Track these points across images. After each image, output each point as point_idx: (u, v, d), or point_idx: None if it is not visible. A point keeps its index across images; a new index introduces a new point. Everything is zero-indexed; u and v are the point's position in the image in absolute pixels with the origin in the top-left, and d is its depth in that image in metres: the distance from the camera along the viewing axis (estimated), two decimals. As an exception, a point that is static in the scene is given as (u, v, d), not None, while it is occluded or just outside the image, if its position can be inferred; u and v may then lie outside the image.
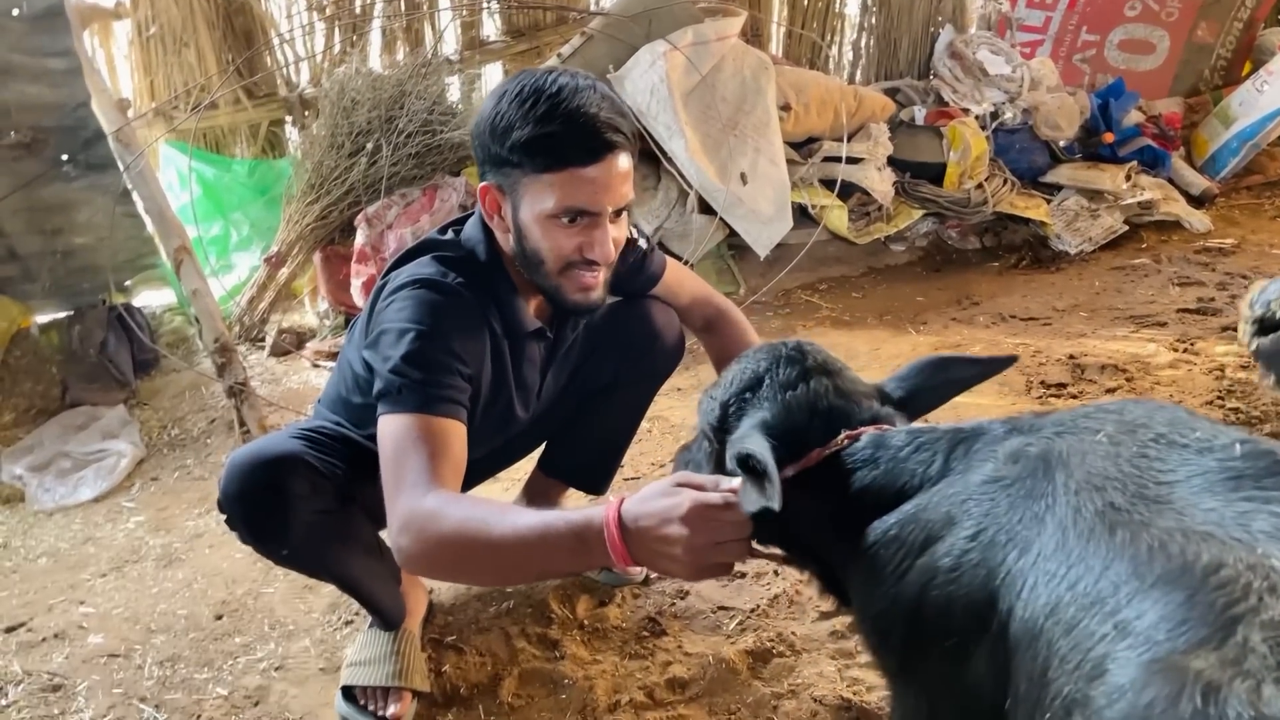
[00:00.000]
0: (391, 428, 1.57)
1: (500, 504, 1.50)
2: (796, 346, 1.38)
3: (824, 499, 1.24)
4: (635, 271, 2.04)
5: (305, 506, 1.75)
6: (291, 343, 3.78)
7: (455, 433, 1.59)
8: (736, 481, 1.24)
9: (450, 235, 1.83)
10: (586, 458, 2.31)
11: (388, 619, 2.07)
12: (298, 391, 3.53)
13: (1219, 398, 3.06)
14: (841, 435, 1.26)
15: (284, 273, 3.82)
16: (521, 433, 2.09)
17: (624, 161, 1.62)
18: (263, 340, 3.87)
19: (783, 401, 1.31)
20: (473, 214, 1.83)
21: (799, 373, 1.33)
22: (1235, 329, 3.62)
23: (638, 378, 2.18)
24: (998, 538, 1.01)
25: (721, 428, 1.37)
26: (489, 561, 1.40)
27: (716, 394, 1.40)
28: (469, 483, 2.26)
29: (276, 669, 2.16)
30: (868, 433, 1.26)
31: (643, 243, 2.05)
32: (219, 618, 2.34)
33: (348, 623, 2.28)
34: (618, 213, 1.66)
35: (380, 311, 1.69)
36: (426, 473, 1.51)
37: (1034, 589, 0.94)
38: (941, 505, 1.10)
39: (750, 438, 1.25)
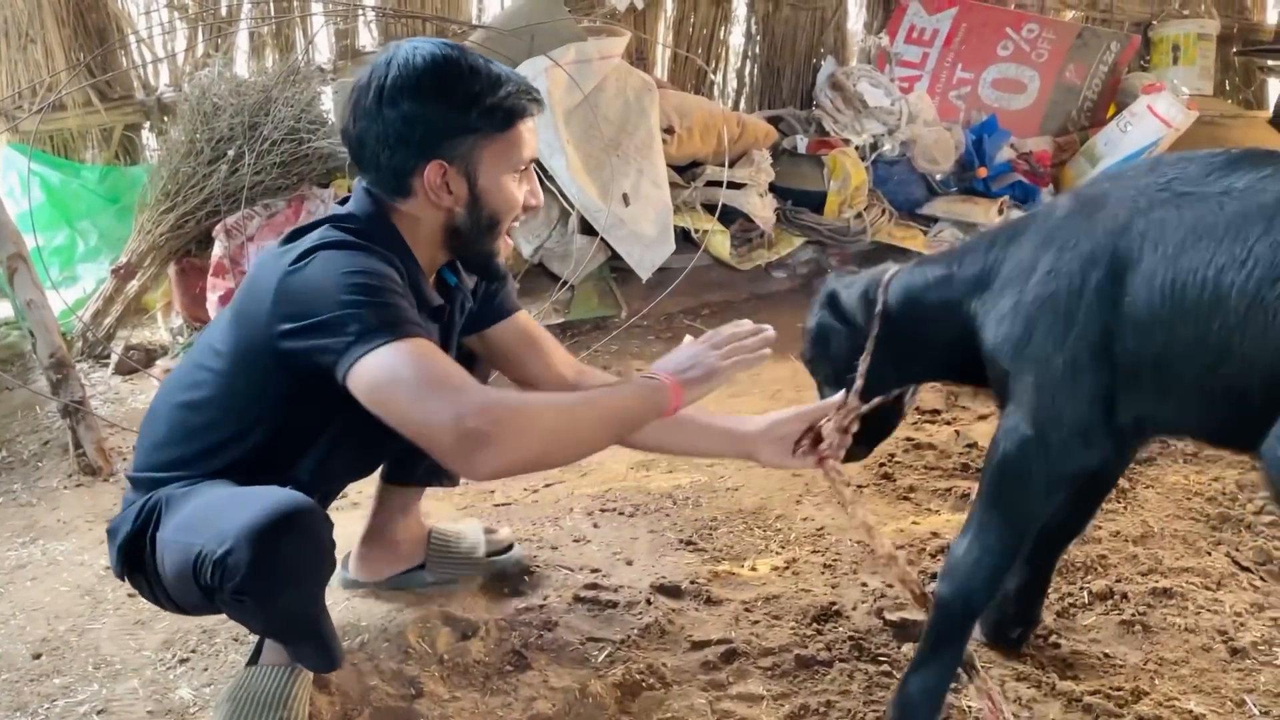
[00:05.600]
0: (392, 359, 1.45)
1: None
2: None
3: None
4: (489, 298, 1.98)
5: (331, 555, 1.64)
6: (139, 360, 3.54)
7: (441, 351, 1.54)
8: None
9: (336, 210, 1.74)
10: None
11: (330, 658, 1.80)
12: (143, 412, 3.29)
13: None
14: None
15: (134, 285, 3.59)
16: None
17: None
18: (108, 357, 3.62)
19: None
20: (348, 201, 1.75)
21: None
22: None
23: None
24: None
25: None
26: (583, 418, 1.56)
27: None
28: (337, 482, 2.08)
29: (99, 712, 1.95)
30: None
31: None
32: (37, 656, 2.12)
33: (182, 660, 2.08)
34: None
35: (287, 281, 1.54)
36: (461, 383, 1.46)
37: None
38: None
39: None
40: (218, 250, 3.55)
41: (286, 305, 1.54)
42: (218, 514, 1.57)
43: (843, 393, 1.89)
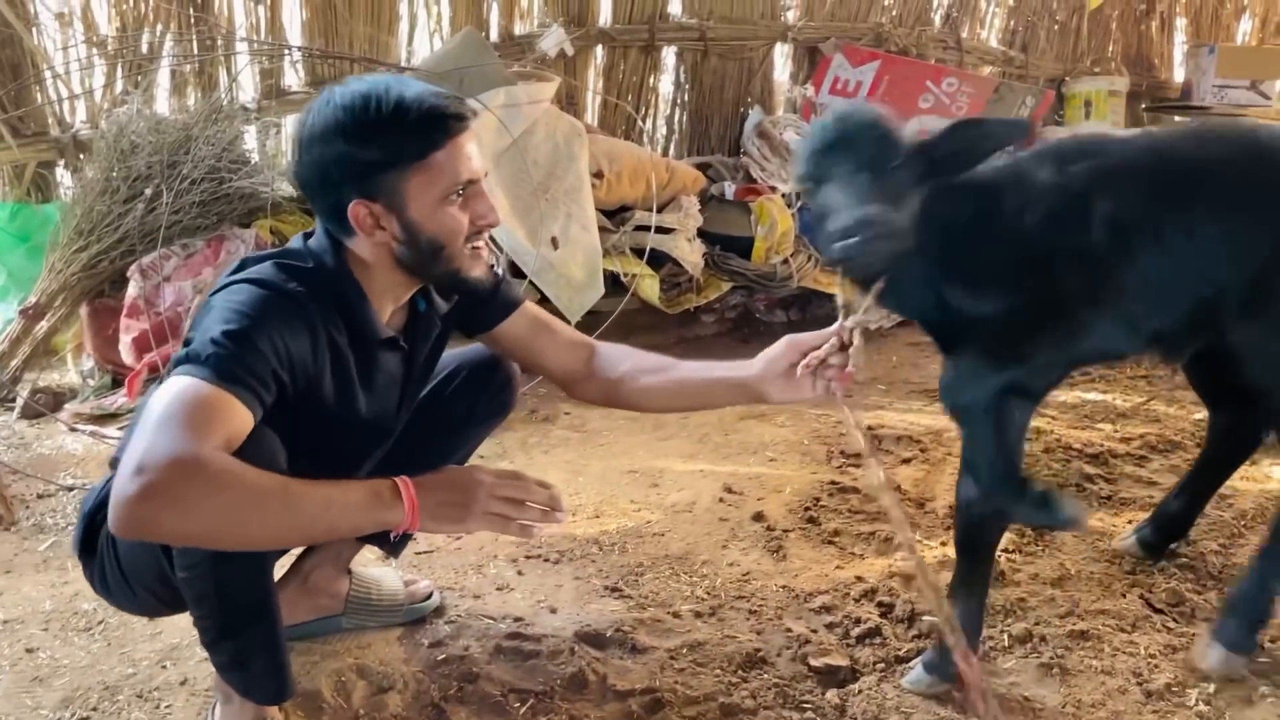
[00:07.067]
0: (179, 385, 1.44)
1: None
2: None
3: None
4: (487, 297, 1.96)
5: None
6: (47, 404, 3.41)
7: (244, 422, 1.47)
8: None
9: (298, 245, 1.76)
10: None
11: (276, 688, 1.77)
12: (49, 458, 3.17)
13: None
14: None
15: (43, 326, 3.45)
16: (381, 458, 1.96)
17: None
18: (14, 401, 3.47)
19: None
20: (314, 231, 1.78)
21: None
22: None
23: (469, 419, 2.09)
24: None
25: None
26: (273, 504, 1.39)
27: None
28: None
29: (-11, 778, 1.85)
30: None
31: (498, 269, 2.03)
32: (-76, 718, 2.01)
33: (82, 720, 1.99)
34: None
35: (207, 301, 1.64)
36: (199, 434, 1.38)
37: None
38: None
39: None
40: (132, 290, 3.44)
41: (194, 320, 1.64)
42: None
43: (839, 321, 1.78)
